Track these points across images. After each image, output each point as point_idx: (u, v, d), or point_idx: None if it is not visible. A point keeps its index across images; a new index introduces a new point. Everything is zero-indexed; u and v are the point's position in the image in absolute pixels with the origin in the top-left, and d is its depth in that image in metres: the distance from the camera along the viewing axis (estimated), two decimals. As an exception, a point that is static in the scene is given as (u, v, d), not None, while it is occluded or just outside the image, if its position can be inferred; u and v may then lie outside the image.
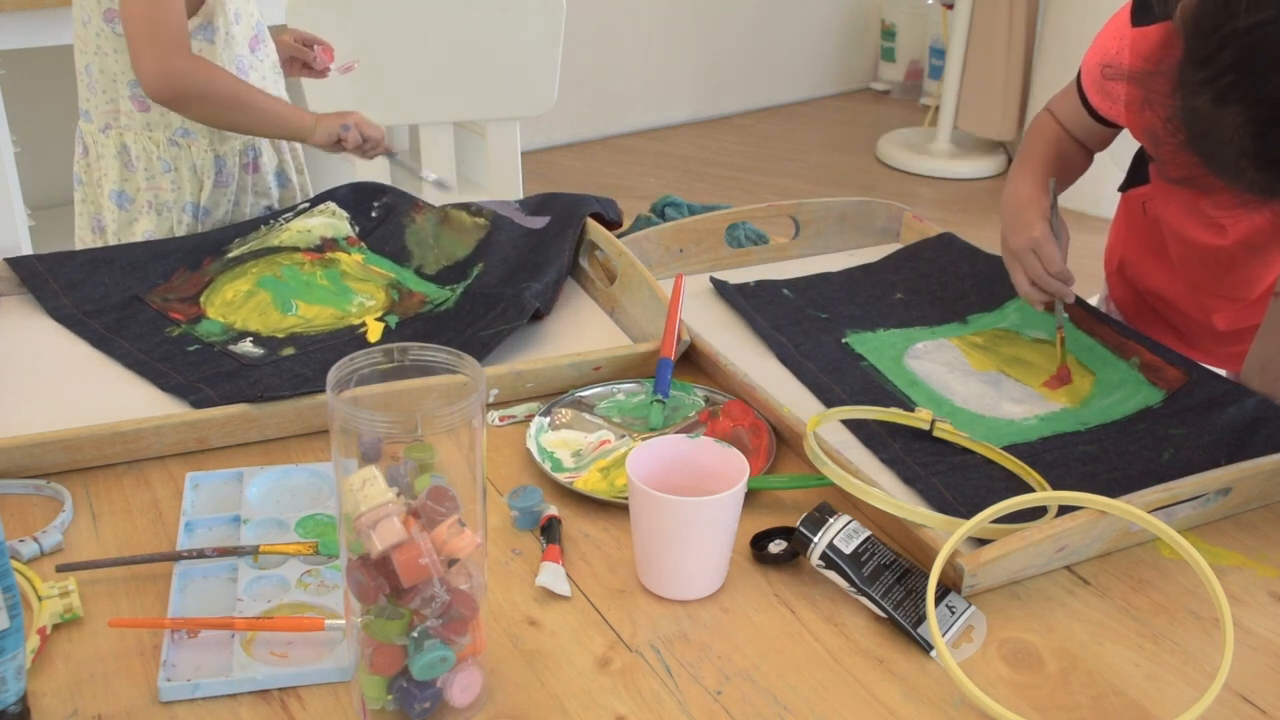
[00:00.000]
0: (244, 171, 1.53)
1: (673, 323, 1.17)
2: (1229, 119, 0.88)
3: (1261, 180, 0.90)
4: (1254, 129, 0.88)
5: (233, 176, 1.51)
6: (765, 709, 0.79)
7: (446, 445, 0.73)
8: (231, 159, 1.51)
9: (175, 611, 0.85)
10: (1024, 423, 1.12)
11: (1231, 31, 0.86)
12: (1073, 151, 1.32)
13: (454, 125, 1.97)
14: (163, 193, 1.50)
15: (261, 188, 1.56)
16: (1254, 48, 0.86)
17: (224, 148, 1.50)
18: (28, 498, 0.99)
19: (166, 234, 1.51)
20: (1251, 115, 0.87)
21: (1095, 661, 0.85)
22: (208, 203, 1.51)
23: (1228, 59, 0.87)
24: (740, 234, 1.47)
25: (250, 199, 1.55)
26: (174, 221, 1.52)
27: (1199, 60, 0.89)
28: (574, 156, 4.27)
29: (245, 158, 1.52)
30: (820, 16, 4.86)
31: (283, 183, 1.59)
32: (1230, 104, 0.88)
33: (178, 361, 1.16)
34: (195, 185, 1.50)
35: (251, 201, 1.55)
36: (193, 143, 1.48)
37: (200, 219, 1.52)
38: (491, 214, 1.40)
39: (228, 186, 1.52)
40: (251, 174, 1.53)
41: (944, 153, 4.22)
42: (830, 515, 0.89)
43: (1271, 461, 0.98)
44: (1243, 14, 0.86)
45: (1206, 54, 0.88)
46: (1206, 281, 1.30)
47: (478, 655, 0.77)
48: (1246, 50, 0.86)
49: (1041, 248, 1.19)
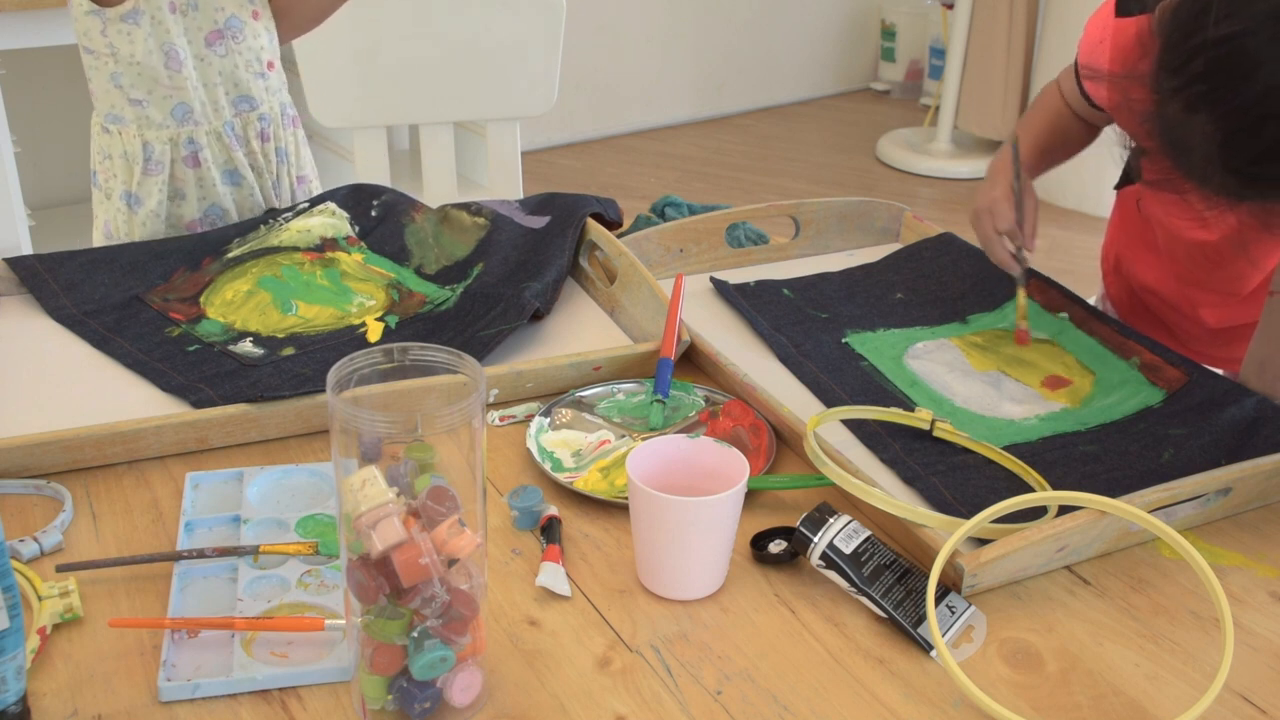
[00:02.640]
0: (183, 164, 1.51)
1: (673, 323, 1.17)
2: (1198, 126, 0.90)
3: (1229, 185, 0.92)
4: (1221, 138, 0.89)
5: (162, 165, 1.50)
6: (765, 709, 0.79)
7: (446, 445, 0.73)
8: (160, 147, 1.49)
9: (175, 611, 0.85)
10: (1024, 423, 1.12)
11: (1202, 42, 0.88)
12: (1071, 127, 1.34)
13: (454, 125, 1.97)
14: (108, 180, 1.52)
15: (208, 184, 1.53)
16: (1223, 59, 0.87)
17: (151, 134, 1.49)
18: (28, 498, 0.99)
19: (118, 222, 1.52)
20: (1220, 125, 0.88)
21: (1095, 661, 0.85)
22: (139, 190, 1.50)
23: (1198, 68, 0.88)
24: (740, 234, 1.47)
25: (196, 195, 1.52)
26: (115, 210, 1.53)
27: (1171, 68, 0.90)
28: (574, 156, 4.27)
29: (182, 149, 1.50)
30: (820, 16, 4.86)
31: (234, 181, 1.55)
32: (1199, 112, 0.89)
33: (178, 361, 1.16)
34: (127, 173, 1.51)
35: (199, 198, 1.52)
36: (123, 129, 1.48)
37: (134, 207, 1.52)
38: (492, 214, 1.40)
39: (157, 175, 1.51)
40: (192, 168, 1.51)
41: (944, 153, 4.22)
42: (830, 515, 0.89)
43: (1271, 461, 0.98)
44: (1212, 25, 0.87)
45: (1178, 62, 0.90)
46: (1196, 276, 1.31)
47: (478, 655, 0.77)
48: (1216, 61, 0.87)
49: (996, 205, 1.25)
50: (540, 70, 1.94)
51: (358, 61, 1.84)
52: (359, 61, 1.84)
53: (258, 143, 1.54)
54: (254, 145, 1.54)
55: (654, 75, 4.49)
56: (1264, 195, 0.92)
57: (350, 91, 1.85)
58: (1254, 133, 0.87)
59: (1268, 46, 0.85)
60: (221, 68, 1.48)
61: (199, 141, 1.50)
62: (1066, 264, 3.46)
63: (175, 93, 1.46)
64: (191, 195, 1.52)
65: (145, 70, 1.44)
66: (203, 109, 1.48)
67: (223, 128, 1.50)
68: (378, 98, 1.87)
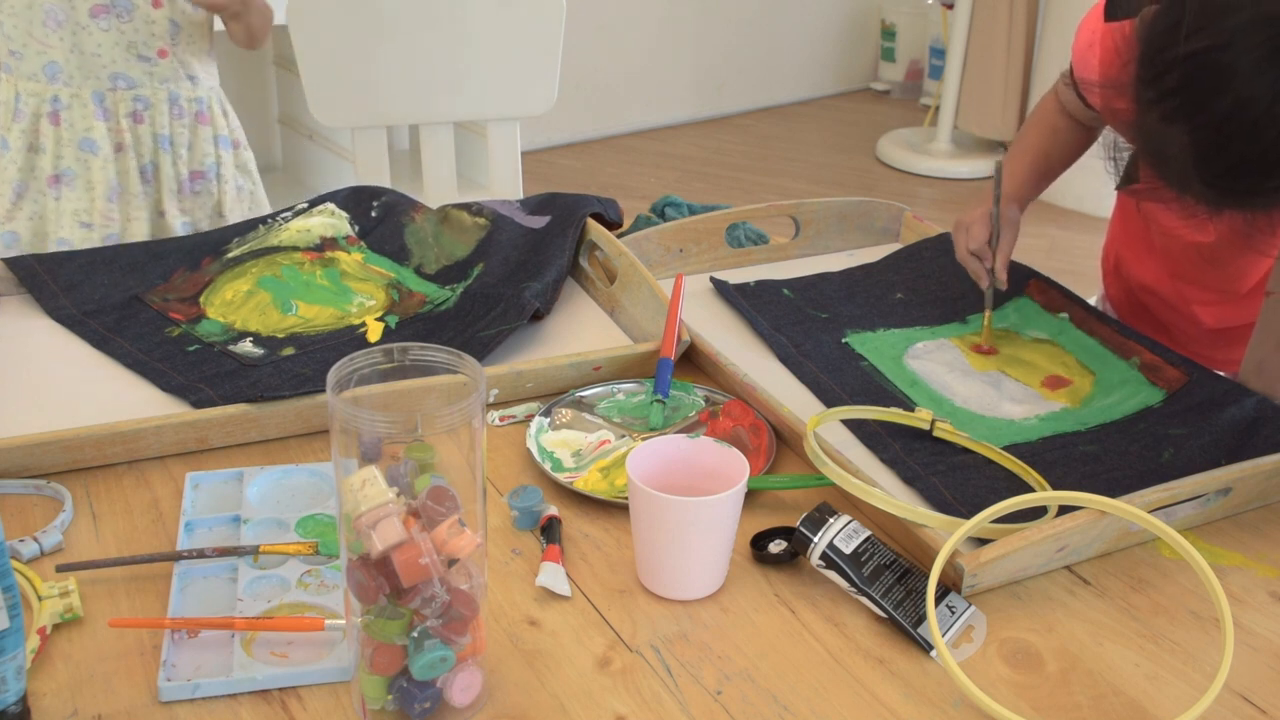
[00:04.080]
0: (46, 119, 1.58)
1: (673, 323, 1.17)
2: (1175, 138, 0.90)
3: (1207, 195, 0.92)
4: (1196, 151, 0.90)
5: (23, 115, 1.57)
6: (765, 709, 0.79)
7: (446, 445, 0.73)
8: (27, 99, 1.57)
9: (175, 611, 0.85)
10: (1024, 423, 1.12)
11: (1176, 56, 0.88)
12: (1068, 139, 1.35)
13: (454, 125, 1.97)
14: None
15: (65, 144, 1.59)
16: (1196, 73, 0.88)
17: (23, 85, 1.57)
18: (28, 498, 0.99)
19: None
20: (1194, 137, 0.89)
21: (1095, 661, 0.85)
22: (7, 135, 1.58)
23: (1173, 81, 0.89)
24: (740, 234, 1.47)
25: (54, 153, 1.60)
26: None
27: (1148, 80, 0.91)
28: (574, 156, 4.27)
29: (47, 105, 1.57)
30: (820, 16, 4.86)
31: (91, 149, 1.60)
32: (1176, 124, 0.90)
33: (178, 361, 1.16)
34: (5, 116, 1.59)
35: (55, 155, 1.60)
36: (4, 76, 1.57)
37: (2, 149, 1.61)
38: (492, 214, 1.40)
39: (18, 124, 1.57)
40: (52, 125, 1.58)
41: (944, 153, 4.22)
42: (830, 515, 0.89)
43: (1271, 461, 0.98)
44: (1184, 40, 0.88)
45: (1154, 74, 0.91)
46: (1192, 275, 1.32)
47: (478, 655, 0.77)
48: (1188, 76, 0.88)
49: (972, 226, 1.27)
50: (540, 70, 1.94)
51: (358, 61, 1.84)
52: (359, 61, 1.84)
53: (127, 121, 1.60)
54: (122, 123, 1.60)
55: (654, 75, 4.49)
56: (1240, 205, 0.93)
57: (350, 91, 1.85)
58: (1225, 146, 0.88)
59: (1238, 60, 0.86)
60: (102, 40, 1.55)
61: (62, 101, 1.57)
62: (1067, 264, 3.46)
63: (47, 50, 1.54)
64: (49, 150, 1.59)
65: (21, 24, 1.53)
66: (69, 73, 1.55)
67: (90, 96, 1.56)
68: (378, 98, 1.87)
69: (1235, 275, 1.28)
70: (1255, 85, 0.85)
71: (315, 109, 1.85)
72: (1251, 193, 0.91)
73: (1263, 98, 0.85)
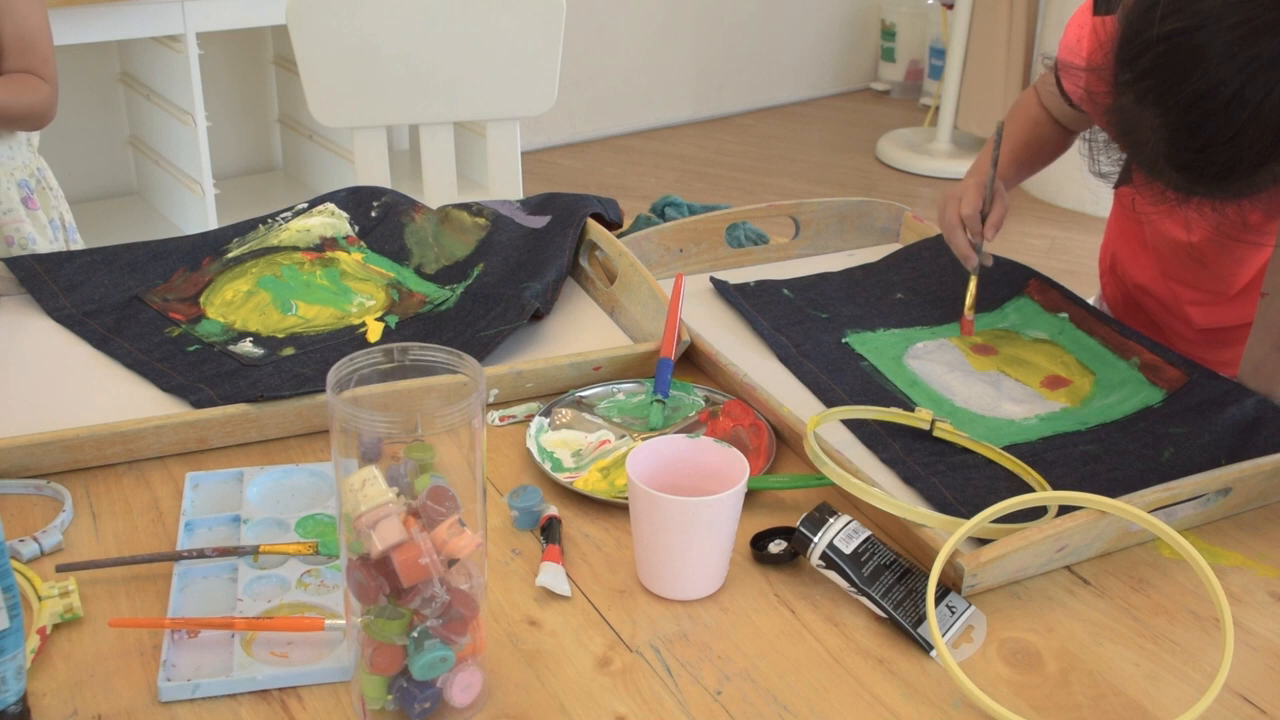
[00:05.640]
0: None
1: (673, 323, 1.17)
2: (1148, 120, 0.91)
3: (1177, 180, 0.93)
4: (1167, 133, 0.90)
5: None
6: (765, 709, 0.79)
7: (446, 445, 0.73)
8: None
9: (175, 611, 0.85)
10: (1024, 423, 1.12)
11: (1150, 38, 0.89)
12: (1047, 134, 1.36)
13: (454, 125, 1.97)
14: None
15: None
16: (1169, 54, 0.88)
17: None
18: (28, 498, 0.99)
19: None
20: (1165, 120, 0.90)
21: (1095, 661, 0.85)
22: None
23: (1147, 63, 0.90)
24: (740, 234, 1.47)
25: None
26: None
27: (1124, 61, 0.92)
28: (574, 156, 4.27)
29: None
30: (820, 16, 4.86)
31: None
32: (1148, 106, 0.91)
33: (178, 361, 1.16)
34: None
35: None
36: None
37: None
38: (493, 214, 1.40)
39: None
40: None
41: (944, 153, 4.22)
42: (830, 515, 0.89)
43: (1271, 461, 0.98)
44: (1158, 22, 0.88)
45: (1130, 56, 0.91)
46: (1182, 274, 1.32)
47: (478, 655, 0.77)
48: (1161, 57, 0.89)
49: (966, 191, 1.27)
50: (540, 70, 1.94)
51: (358, 61, 1.84)
52: (359, 61, 1.84)
53: None
54: None
55: (654, 75, 4.49)
56: (1209, 192, 0.93)
57: (350, 91, 1.85)
58: (1196, 128, 0.88)
59: (1211, 42, 0.86)
60: None
61: None
62: (1066, 264, 3.46)
63: None
64: None
65: None
66: None
67: None
68: (378, 98, 1.87)
69: (1222, 275, 1.28)
70: (1226, 67, 0.86)
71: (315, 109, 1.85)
72: (1221, 177, 0.91)
73: (1234, 80, 0.86)
